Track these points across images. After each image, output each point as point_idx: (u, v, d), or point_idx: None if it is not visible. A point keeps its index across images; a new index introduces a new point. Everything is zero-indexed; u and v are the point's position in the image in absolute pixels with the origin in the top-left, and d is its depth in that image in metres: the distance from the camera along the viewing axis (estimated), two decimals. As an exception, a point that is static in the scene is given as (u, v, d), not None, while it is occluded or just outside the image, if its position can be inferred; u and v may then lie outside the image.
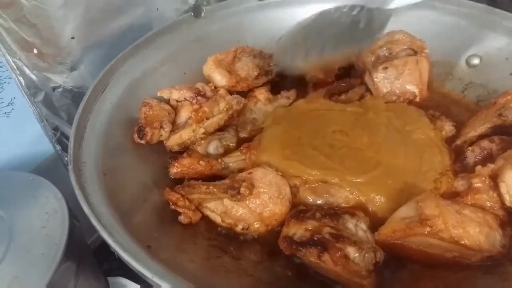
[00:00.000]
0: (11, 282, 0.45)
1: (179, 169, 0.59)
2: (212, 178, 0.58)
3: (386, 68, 0.67)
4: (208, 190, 0.53)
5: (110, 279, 0.61)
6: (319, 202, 0.55)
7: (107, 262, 0.61)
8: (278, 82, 0.76)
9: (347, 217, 0.51)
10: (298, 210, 0.52)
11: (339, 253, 0.46)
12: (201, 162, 0.59)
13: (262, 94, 0.71)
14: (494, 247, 0.48)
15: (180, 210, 0.54)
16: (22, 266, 0.46)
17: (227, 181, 0.54)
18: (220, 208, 0.54)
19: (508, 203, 0.50)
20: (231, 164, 0.61)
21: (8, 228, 0.50)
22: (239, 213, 0.53)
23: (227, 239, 0.54)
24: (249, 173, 0.55)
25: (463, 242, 0.47)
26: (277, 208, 0.53)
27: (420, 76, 0.67)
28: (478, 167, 0.53)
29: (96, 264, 0.58)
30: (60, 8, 0.63)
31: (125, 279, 0.62)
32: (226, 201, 0.53)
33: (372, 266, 0.47)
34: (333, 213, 0.51)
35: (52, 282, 0.45)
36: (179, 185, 0.55)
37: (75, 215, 0.52)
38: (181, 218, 0.54)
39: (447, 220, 0.47)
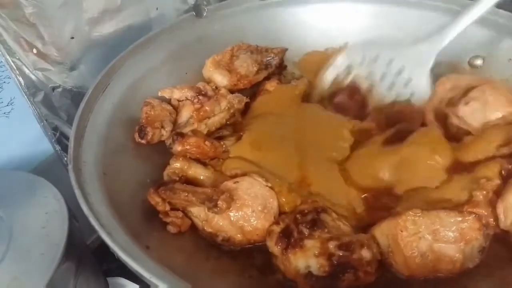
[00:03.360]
0: (11, 282, 0.45)
1: (185, 147, 0.57)
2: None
3: (468, 102, 0.62)
4: (187, 198, 0.51)
5: (109, 279, 0.61)
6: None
7: (106, 262, 0.61)
8: (279, 74, 0.75)
9: (324, 216, 0.49)
10: (282, 234, 0.49)
11: (364, 264, 0.45)
12: (206, 142, 0.58)
13: (272, 87, 0.70)
14: (470, 261, 0.47)
15: (168, 220, 0.52)
16: (22, 266, 0.46)
17: (208, 190, 0.52)
18: (202, 216, 0.52)
19: (501, 225, 0.49)
20: (230, 148, 0.60)
21: (8, 228, 0.50)
22: (220, 224, 0.51)
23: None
24: (235, 182, 0.53)
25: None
26: (259, 223, 0.51)
27: (504, 95, 0.62)
28: (483, 180, 0.51)
29: (96, 264, 0.58)
30: (60, 8, 0.62)
31: (124, 279, 0.62)
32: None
33: (379, 256, 0.47)
34: (312, 220, 0.49)
35: (51, 282, 0.45)
36: (163, 187, 0.53)
37: (75, 215, 0.52)
38: (170, 228, 0.52)
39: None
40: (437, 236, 0.46)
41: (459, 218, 0.47)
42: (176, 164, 0.57)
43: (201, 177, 0.57)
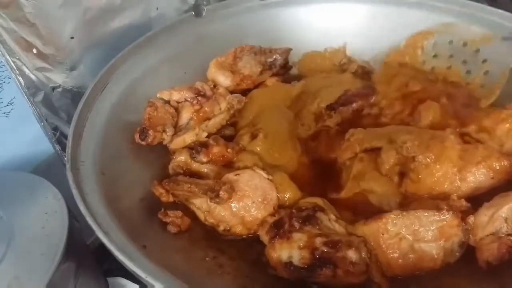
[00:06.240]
0: (11, 282, 0.45)
1: (210, 158, 0.58)
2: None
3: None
4: (190, 189, 0.53)
5: (109, 279, 0.61)
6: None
7: (107, 262, 0.61)
8: (284, 74, 0.76)
9: (320, 215, 0.50)
10: (273, 225, 0.50)
11: (347, 263, 0.45)
12: (229, 150, 0.59)
13: (271, 83, 0.71)
14: (451, 256, 0.48)
15: (168, 220, 0.53)
16: (22, 266, 0.46)
17: (210, 181, 0.54)
18: (205, 207, 0.54)
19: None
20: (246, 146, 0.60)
21: (8, 228, 0.50)
22: (222, 214, 0.53)
23: (224, 240, 0.53)
24: (236, 175, 0.54)
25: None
26: (259, 214, 0.52)
27: None
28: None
29: (96, 264, 0.58)
30: (60, 7, 0.62)
31: (124, 279, 0.62)
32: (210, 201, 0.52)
33: (368, 260, 0.47)
34: (306, 215, 0.50)
35: (51, 282, 0.45)
36: (166, 179, 0.54)
37: (75, 216, 0.52)
38: (170, 228, 0.53)
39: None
40: (418, 236, 0.47)
41: (437, 217, 0.48)
42: (181, 158, 0.58)
43: (205, 170, 0.58)
